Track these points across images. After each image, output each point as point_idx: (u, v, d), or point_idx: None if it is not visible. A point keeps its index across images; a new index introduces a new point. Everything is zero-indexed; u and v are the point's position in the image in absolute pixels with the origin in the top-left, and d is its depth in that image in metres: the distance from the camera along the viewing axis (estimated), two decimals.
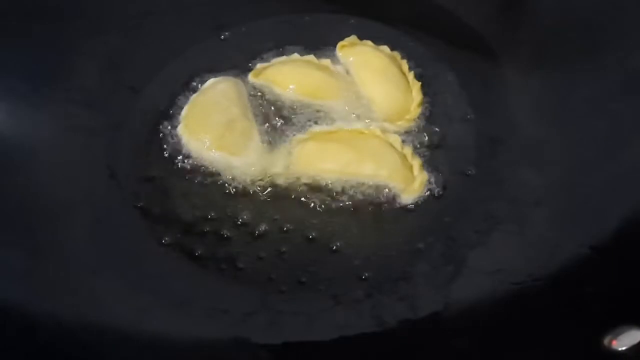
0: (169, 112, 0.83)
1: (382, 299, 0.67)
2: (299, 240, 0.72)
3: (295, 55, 0.88)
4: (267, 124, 0.82)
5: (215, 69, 0.87)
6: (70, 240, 0.69)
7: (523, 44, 0.88)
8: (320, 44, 0.89)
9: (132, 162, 0.78)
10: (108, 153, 0.78)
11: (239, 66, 0.87)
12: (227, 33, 0.92)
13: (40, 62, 0.79)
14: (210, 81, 0.85)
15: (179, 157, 0.79)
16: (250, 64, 0.88)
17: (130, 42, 0.86)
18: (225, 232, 0.73)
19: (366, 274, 0.69)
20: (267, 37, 0.91)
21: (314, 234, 0.73)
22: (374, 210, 0.74)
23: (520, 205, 0.74)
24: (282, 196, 0.76)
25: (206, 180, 0.77)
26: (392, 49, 0.88)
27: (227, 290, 0.68)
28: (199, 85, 0.85)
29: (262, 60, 0.88)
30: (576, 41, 0.82)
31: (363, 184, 0.76)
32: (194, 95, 0.84)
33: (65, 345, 0.59)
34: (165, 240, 0.72)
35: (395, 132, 0.80)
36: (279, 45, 0.90)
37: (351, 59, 0.87)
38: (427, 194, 0.76)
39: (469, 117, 0.83)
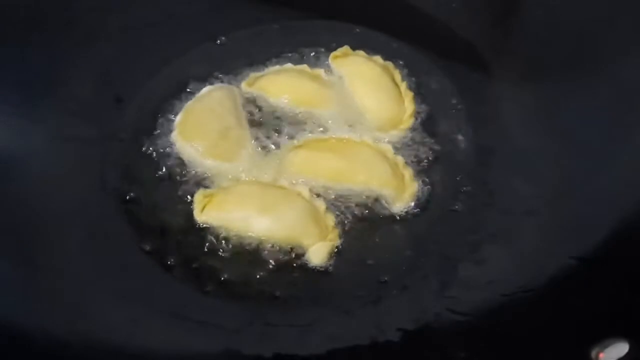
0: (163, 119, 0.83)
1: (373, 310, 0.67)
2: (289, 251, 0.72)
3: (289, 65, 0.88)
4: (260, 132, 0.82)
5: (209, 76, 0.87)
6: (62, 251, 0.69)
7: (516, 55, 0.88)
8: (313, 53, 0.90)
9: (126, 171, 0.78)
10: (101, 163, 0.78)
11: (233, 73, 0.87)
12: (223, 38, 0.92)
13: (33, 73, 0.79)
14: (206, 88, 0.85)
15: (172, 165, 0.79)
16: (243, 72, 0.88)
17: (124, 51, 0.86)
18: (220, 244, 0.72)
19: (357, 285, 0.69)
20: (261, 45, 0.91)
21: None
22: (363, 219, 0.74)
23: (512, 216, 0.74)
24: None
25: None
26: (385, 59, 0.88)
27: (219, 302, 0.68)
28: (193, 93, 0.85)
29: (255, 68, 0.88)
30: (569, 52, 0.82)
31: (354, 192, 0.76)
32: (189, 102, 0.83)
33: (56, 358, 0.59)
34: (158, 253, 0.71)
35: (387, 142, 0.80)
36: (273, 54, 0.90)
37: (344, 68, 0.87)
38: (417, 204, 0.76)
39: (461, 127, 0.83)
